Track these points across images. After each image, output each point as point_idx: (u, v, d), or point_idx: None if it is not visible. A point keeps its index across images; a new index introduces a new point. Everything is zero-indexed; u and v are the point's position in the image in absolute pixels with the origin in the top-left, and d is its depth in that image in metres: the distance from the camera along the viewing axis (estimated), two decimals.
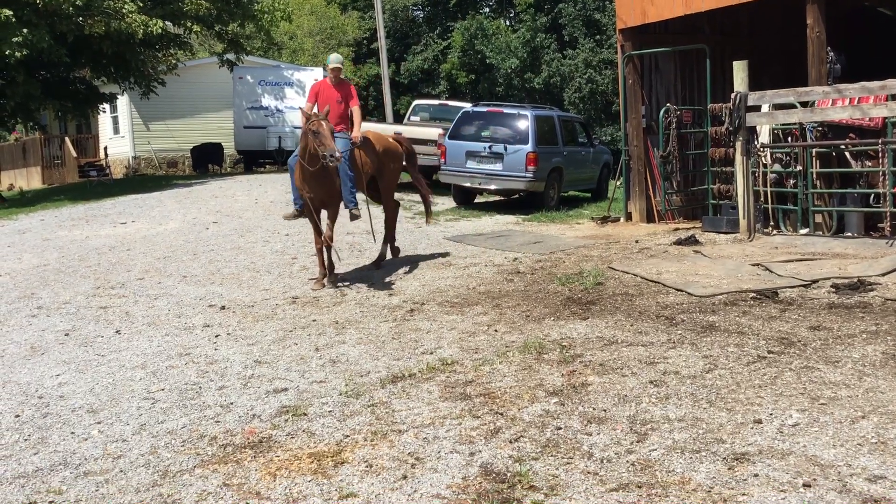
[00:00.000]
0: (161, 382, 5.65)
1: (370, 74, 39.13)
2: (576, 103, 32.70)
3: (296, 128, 25.83)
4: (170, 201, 16.21)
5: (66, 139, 30.10)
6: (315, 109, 8.75)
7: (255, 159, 26.63)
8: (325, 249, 8.87)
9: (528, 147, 15.39)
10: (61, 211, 16.33)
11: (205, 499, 3.83)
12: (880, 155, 9.93)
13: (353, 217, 8.84)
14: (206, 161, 27.55)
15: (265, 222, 13.30)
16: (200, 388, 5.49)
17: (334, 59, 9.47)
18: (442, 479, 3.81)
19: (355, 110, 9.32)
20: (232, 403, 5.14)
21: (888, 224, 10.10)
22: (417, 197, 17.60)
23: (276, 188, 17.62)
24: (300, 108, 8.77)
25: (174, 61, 23.93)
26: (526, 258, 10.23)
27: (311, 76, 26.79)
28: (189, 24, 21.70)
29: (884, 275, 7.74)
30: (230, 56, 24.90)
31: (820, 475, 3.56)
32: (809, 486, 3.46)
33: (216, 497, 3.83)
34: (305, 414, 4.83)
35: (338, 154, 7.94)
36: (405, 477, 3.85)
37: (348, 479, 3.89)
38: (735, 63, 10.90)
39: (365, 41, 40.95)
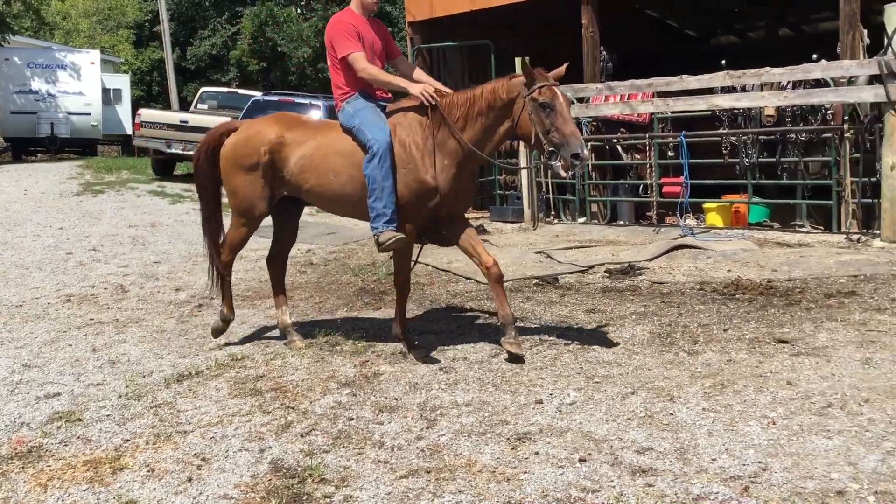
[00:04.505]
0: None
1: (153, 59, 37.28)
2: None
3: (71, 113, 24.14)
4: None
5: None
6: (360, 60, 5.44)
7: (24, 147, 24.60)
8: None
9: None
10: None
11: None
12: (648, 149, 10.73)
13: (394, 244, 5.25)
14: None
15: (36, 215, 12.33)
16: None
17: None
18: (230, 478, 3.70)
19: (402, 62, 5.91)
20: None
21: (655, 213, 10.95)
22: (185, 185, 17.02)
23: (48, 178, 16.40)
24: (354, 55, 5.39)
25: None
26: (319, 250, 10.16)
27: (87, 59, 25.12)
28: None
29: (651, 260, 8.37)
30: None
31: (594, 450, 3.79)
32: (585, 460, 3.68)
33: None
34: (81, 419, 4.52)
35: (586, 153, 4.91)
36: (190, 479, 3.70)
37: (128, 485, 3.69)
38: (517, 59, 11.36)
39: (147, 24, 38.94)
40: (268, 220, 5.98)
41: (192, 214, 13.27)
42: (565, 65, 5.23)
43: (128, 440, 4.21)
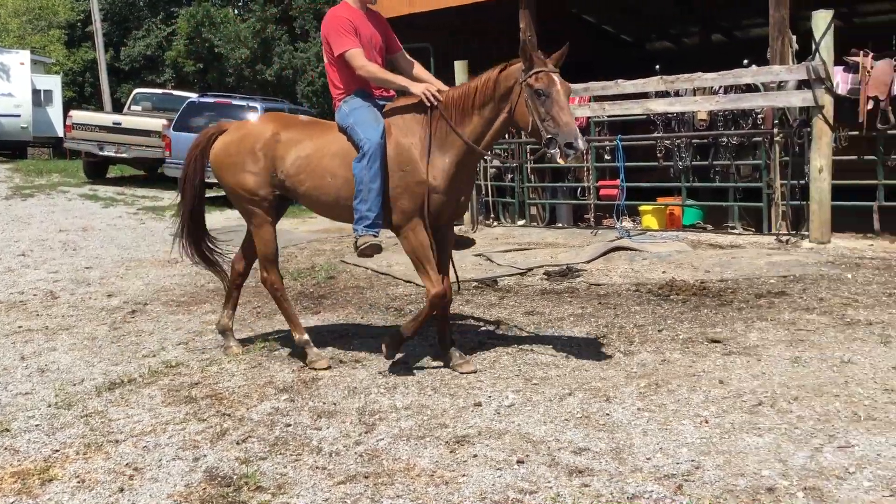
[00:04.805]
0: None
1: (86, 60, 36.38)
2: (309, 97, 32.54)
3: (3, 116, 23.44)
4: None
5: None
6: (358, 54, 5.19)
7: None
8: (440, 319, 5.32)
9: None
10: None
11: None
12: (585, 152, 10.84)
13: (368, 250, 5.11)
14: None
15: None
16: None
17: None
18: (163, 488, 3.62)
19: (402, 57, 5.60)
20: None
21: (593, 215, 11.08)
22: (141, 191, 16.70)
23: None
24: (351, 51, 5.13)
25: None
26: None
27: (17, 59, 24.43)
28: None
29: (588, 262, 8.47)
30: None
31: (532, 451, 3.81)
32: (523, 462, 3.70)
33: None
34: (8, 430, 4.38)
35: (583, 145, 4.70)
36: (122, 490, 3.62)
37: (57, 496, 3.58)
38: (457, 63, 11.40)
39: (79, 24, 37.98)
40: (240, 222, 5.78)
41: (126, 218, 13.03)
42: (566, 46, 4.95)
43: (57, 450, 4.10)
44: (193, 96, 17.65)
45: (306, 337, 5.45)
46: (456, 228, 11.45)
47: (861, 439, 3.75)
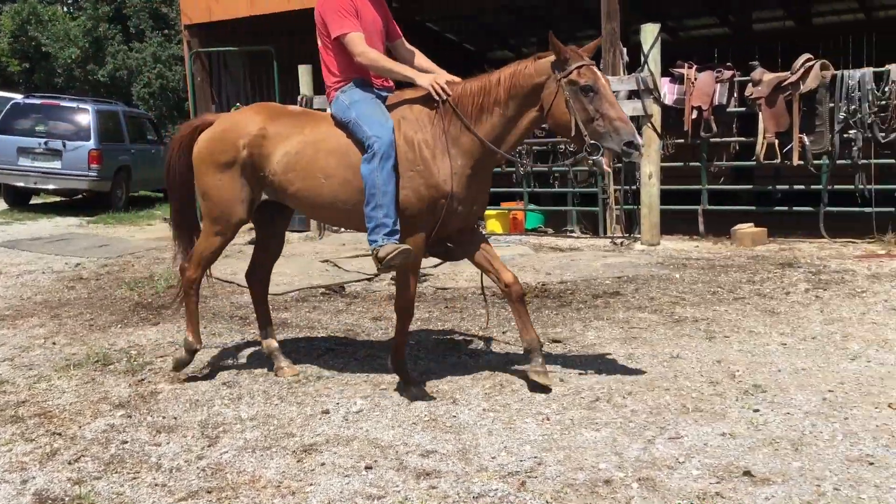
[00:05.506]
0: None
1: None
2: (146, 99, 31.29)
3: None
4: None
5: None
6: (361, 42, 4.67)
7: None
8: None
9: (91, 144, 14.45)
10: None
11: None
12: None
13: (395, 259, 4.40)
14: None
15: None
16: None
17: None
18: None
19: (402, 45, 5.09)
20: None
21: None
22: None
23: None
24: (351, 35, 4.61)
25: None
26: (90, 263, 9.55)
27: None
28: None
29: (435, 266, 8.58)
30: None
31: (380, 456, 3.82)
32: (371, 467, 3.69)
33: None
34: None
35: (640, 140, 4.38)
36: None
37: None
38: (300, 67, 11.28)
39: None
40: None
41: None
42: (599, 39, 4.62)
43: None
44: (18, 97, 16.59)
45: (194, 343, 5.11)
46: (300, 234, 11.32)
47: (690, 430, 3.99)
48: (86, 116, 14.74)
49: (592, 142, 4.21)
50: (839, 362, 4.97)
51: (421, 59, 4.99)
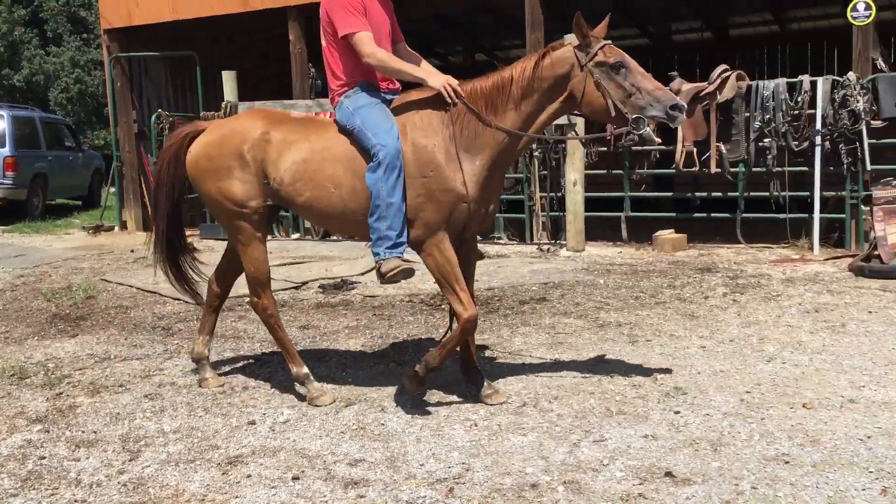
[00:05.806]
0: None
1: None
2: (63, 104, 30.46)
3: None
4: None
5: None
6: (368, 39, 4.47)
7: None
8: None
9: (6, 150, 14.03)
10: None
11: None
12: None
13: (397, 276, 4.46)
14: None
15: None
16: None
17: None
18: None
19: (403, 49, 4.92)
20: None
21: None
22: None
23: None
24: (360, 35, 4.41)
25: None
26: (5, 274, 9.23)
27: None
28: None
29: (363, 274, 8.56)
30: None
31: (308, 466, 3.79)
32: (298, 478, 3.66)
33: None
34: None
35: (683, 102, 4.34)
36: None
37: None
38: (224, 73, 11.14)
39: None
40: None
41: None
42: (607, 18, 4.43)
43: None
44: None
45: (305, 370, 4.74)
46: (224, 242, 11.12)
47: (613, 433, 4.07)
48: (0, 122, 14.27)
49: (636, 115, 4.14)
50: (756, 364, 5.14)
51: (425, 65, 4.84)
